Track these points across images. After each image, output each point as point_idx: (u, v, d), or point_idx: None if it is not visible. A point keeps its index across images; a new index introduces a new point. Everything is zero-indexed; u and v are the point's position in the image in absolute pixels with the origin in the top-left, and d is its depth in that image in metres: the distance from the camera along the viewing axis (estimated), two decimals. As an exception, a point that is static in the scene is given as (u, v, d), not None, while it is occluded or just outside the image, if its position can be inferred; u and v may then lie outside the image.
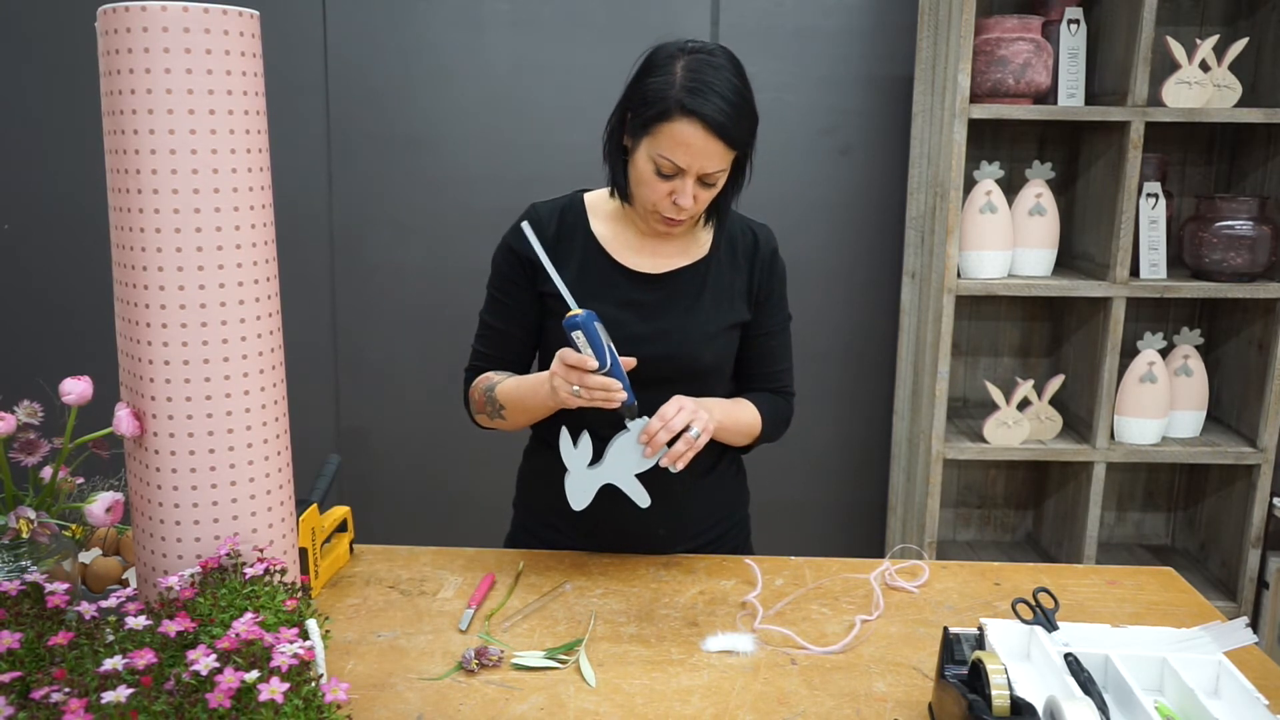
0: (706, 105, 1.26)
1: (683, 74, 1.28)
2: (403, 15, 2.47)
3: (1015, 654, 1.10)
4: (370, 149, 2.53)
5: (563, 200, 1.47)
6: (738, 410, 1.45)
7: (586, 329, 1.22)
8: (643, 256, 1.44)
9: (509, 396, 1.40)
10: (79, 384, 1.10)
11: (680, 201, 1.32)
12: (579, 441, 1.27)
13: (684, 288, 1.44)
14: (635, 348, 1.37)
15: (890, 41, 2.48)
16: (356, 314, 2.61)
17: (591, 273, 1.43)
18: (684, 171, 1.30)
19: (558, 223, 1.44)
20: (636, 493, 1.29)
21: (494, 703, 1.10)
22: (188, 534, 1.07)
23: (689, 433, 1.25)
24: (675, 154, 1.29)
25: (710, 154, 1.29)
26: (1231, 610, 2.35)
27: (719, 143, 1.28)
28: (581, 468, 1.28)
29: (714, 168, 1.31)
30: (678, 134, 1.28)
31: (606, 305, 1.39)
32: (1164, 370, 2.31)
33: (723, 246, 1.46)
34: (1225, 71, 2.18)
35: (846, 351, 2.63)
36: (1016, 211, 2.31)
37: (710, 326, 1.43)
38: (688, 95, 1.26)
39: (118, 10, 0.98)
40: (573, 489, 1.28)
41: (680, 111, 1.27)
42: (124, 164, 1.01)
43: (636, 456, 1.27)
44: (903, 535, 2.52)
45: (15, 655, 0.92)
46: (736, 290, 1.46)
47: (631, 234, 1.45)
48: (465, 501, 2.63)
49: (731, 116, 1.27)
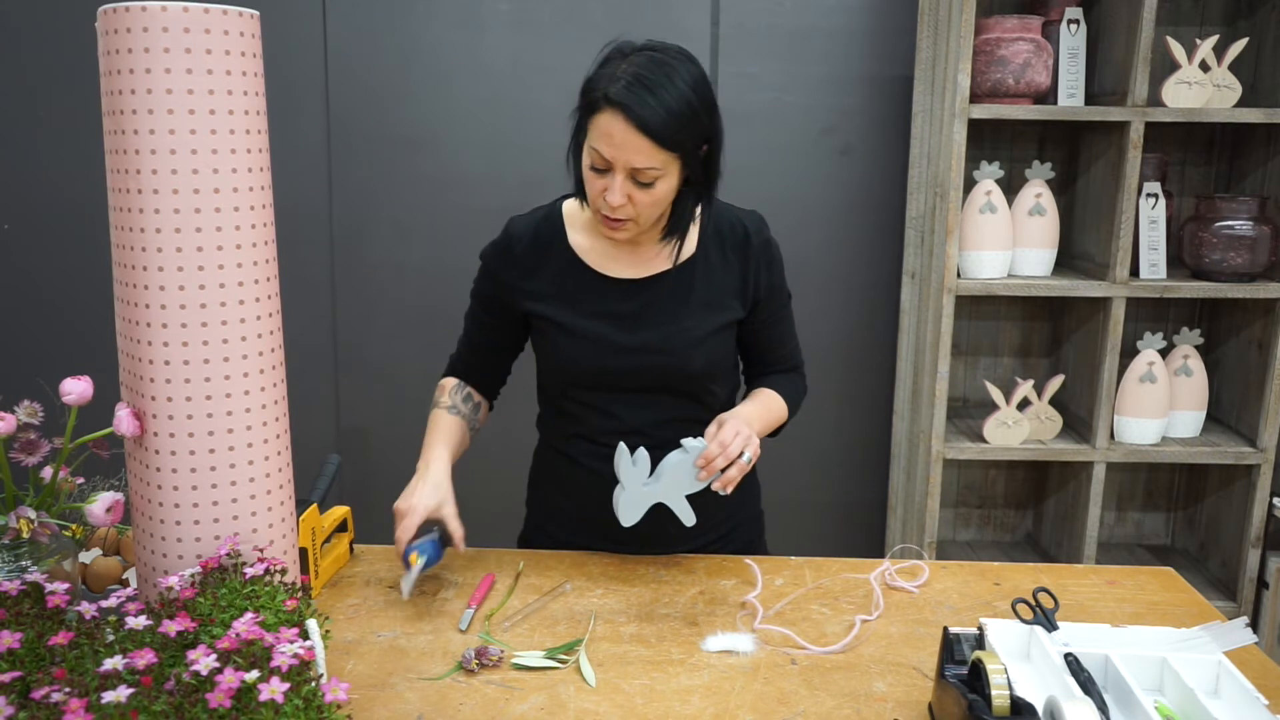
0: (630, 97, 1.23)
1: (624, 69, 1.25)
2: (403, 15, 2.47)
3: (1015, 654, 1.10)
4: (370, 149, 2.53)
5: (541, 211, 1.46)
6: (768, 410, 1.45)
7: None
8: (621, 263, 1.42)
9: (427, 431, 1.48)
10: (79, 384, 1.10)
11: (609, 198, 1.28)
12: (637, 459, 1.25)
13: (668, 292, 1.41)
14: (620, 359, 1.37)
15: (890, 41, 2.48)
16: (356, 314, 2.61)
17: (568, 283, 1.41)
18: (612, 166, 1.27)
19: (532, 237, 1.43)
20: (684, 512, 1.28)
21: (494, 703, 1.10)
22: (188, 534, 1.07)
23: (741, 458, 1.25)
24: (600, 145, 1.26)
25: (635, 148, 1.24)
26: (1231, 610, 2.35)
27: (642, 137, 1.24)
28: (637, 485, 1.26)
29: (641, 163, 1.25)
30: (603, 125, 1.25)
31: (585, 317, 1.39)
32: (1164, 370, 2.31)
33: (711, 243, 1.43)
34: (1225, 71, 2.18)
35: (846, 351, 2.63)
36: (1016, 211, 2.31)
37: (699, 331, 1.40)
38: (616, 86, 1.24)
39: (118, 10, 0.98)
40: (625, 505, 1.26)
41: (605, 102, 1.24)
42: (124, 164, 1.01)
43: (690, 478, 1.26)
44: (903, 535, 2.52)
45: (15, 655, 0.92)
46: (728, 289, 1.43)
47: (608, 242, 1.42)
48: (465, 501, 2.62)
49: (657, 111, 1.23)
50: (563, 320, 1.40)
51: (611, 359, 1.39)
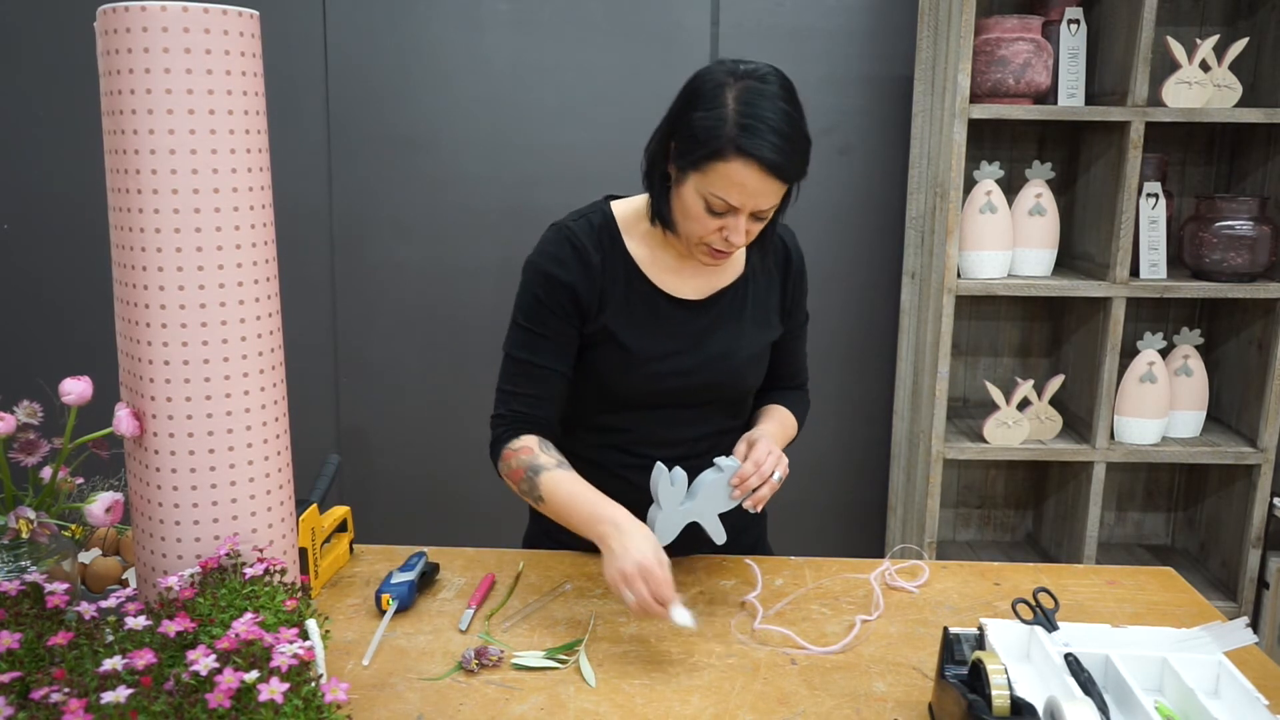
0: (762, 146, 1.17)
1: (735, 107, 1.18)
2: (403, 15, 2.47)
3: (1015, 654, 1.10)
4: (370, 149, 2.53)
5: (594, 216, 1.37)
6: (785, 430, 1.45)
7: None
8: (683, 279, 1.38)
9: (556, 498, 1.28)
10: (79, 384, 1.10)
11: (733, 239, 1.24)
12: (675, 478, 1.24)
13: (726, 311, 1.39)
14: (683, 379, 1.37)
15: (890, 41, 2.48)
16: (356, 314, 2.61)
17: (636, 301, 1.35)
18: (737, 210, 1.23)
19: (596, 246, 1.34)
20: (716, 531, 1.29)
21: (494, 703, 1.10)
22: (188, 534, 1.07)
23: (772, 477, 1.26)
24: (729, 194, 1.21)
25: (766, 193, 1.21)
26: (1231, 610, 2.35)
27: (775, 182, 1.20)
28: (674, 505, 1.25)
29: (768, 204, 1.23)
30: (732, 175, 1.19)
31: (653, 337, 1.36)
32: (1164, 370, 2.31)
33: (757, 260, 1.41)
34: (1225, 71, 2.18)
35: (846, 351, 2.63)
36: (1016, 211, 2.31)
37: (753, 349, 1.41)
38: (741, 134, 1.17)
39: (117, 10, 0.98)
40: (662, 525, 1.25)
41: (735, 152, 1.18)
42: (124, 164, 1.01)
43: (724, 497, 1.27)
44: (903, 535, 2.52)
45: (15, 655, 0.92)
46: (772, 306, 1.44)
47: (670, 256, 1.37)
48: (465, 501, 2.63)
49: (787, 153, 1.18)
50: (627, 340, 1.35)
51: (670, 381, 1.37)
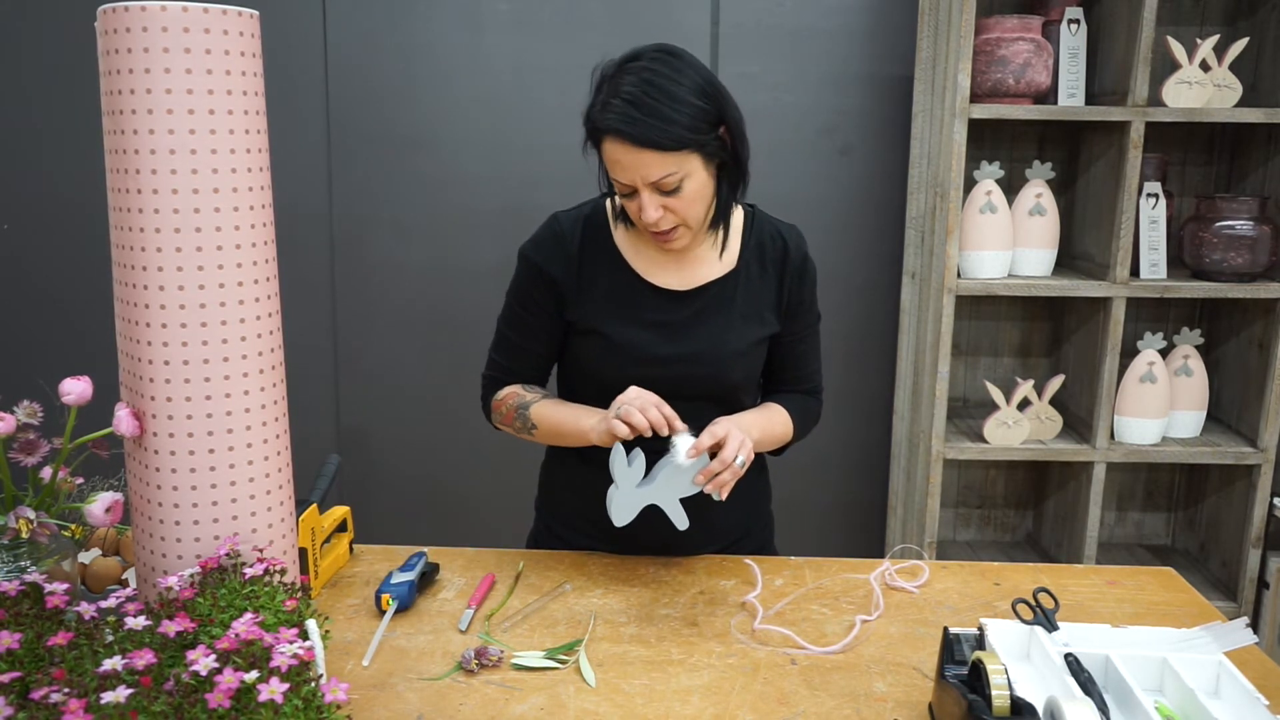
0: (612, 118, 1.22)
1: (608, 92, 1.24)
2: (403, 15, 2.47)
3: (1015, 654, 1.10)
4: (370, 149, 2.53)
5: (586, 207, 1.43)
6: (771, 424, 1.43)
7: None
8: (668, 271, 1.40)
9: (545, 419, 1.39)
10: (79, 384, 1.10)
11: (644, 216, 1.27)
12: (633, 459, 1.25)
13: (712, 303, 1.40)
14: (664, 368, 1.36)
15: (890, 41, 2.48)
16: (356, 314, 2.61)
17: (617, 290, 1.39)
18: (632, 186, 1.27)
19: (581, 235, 1.40)
20: (677, 515, 1.28)
21: (494, 703, 1.10)
22: (187, 534, 1.07)
23: (735, 463, 1.24)
24: (614, 171, 1.27)
25: (644, 164, 1.24)
26: (1231, 610, 2.35)
27: (645, 151, 1.22)
28: (631, 486, 1.25)
29: (658, 174, 1.24)
30: (608, 153, 1.26)
31: (634, 327, 1.37)
32: (1164, 370, 2.31)
33: (752, 256, 1.42)
34: (1225, 71, 2.18)
35: (846, 351, 2.63)
36: (1016, 211, 2.31)
37: (740, 344, 1.40)
38: (600, 113, 1.24)
39: (118, 10, 0.98)
40: (618, 505, 1.26)
41: (598, 132, 1.25)
42: (124, 164, 1.01)
43: (685, 481, 1.26)
44: (903, 535, 2.52)
45: (15, 655, 0.92)
46: (766, 302, 1.43)
47: (655, 248, 1.40)
48: (465, 501, 2.63)
49: (639, 121, 1.21)
50: (609, 329, 1.38)
51: (652, 369, 1.37)
